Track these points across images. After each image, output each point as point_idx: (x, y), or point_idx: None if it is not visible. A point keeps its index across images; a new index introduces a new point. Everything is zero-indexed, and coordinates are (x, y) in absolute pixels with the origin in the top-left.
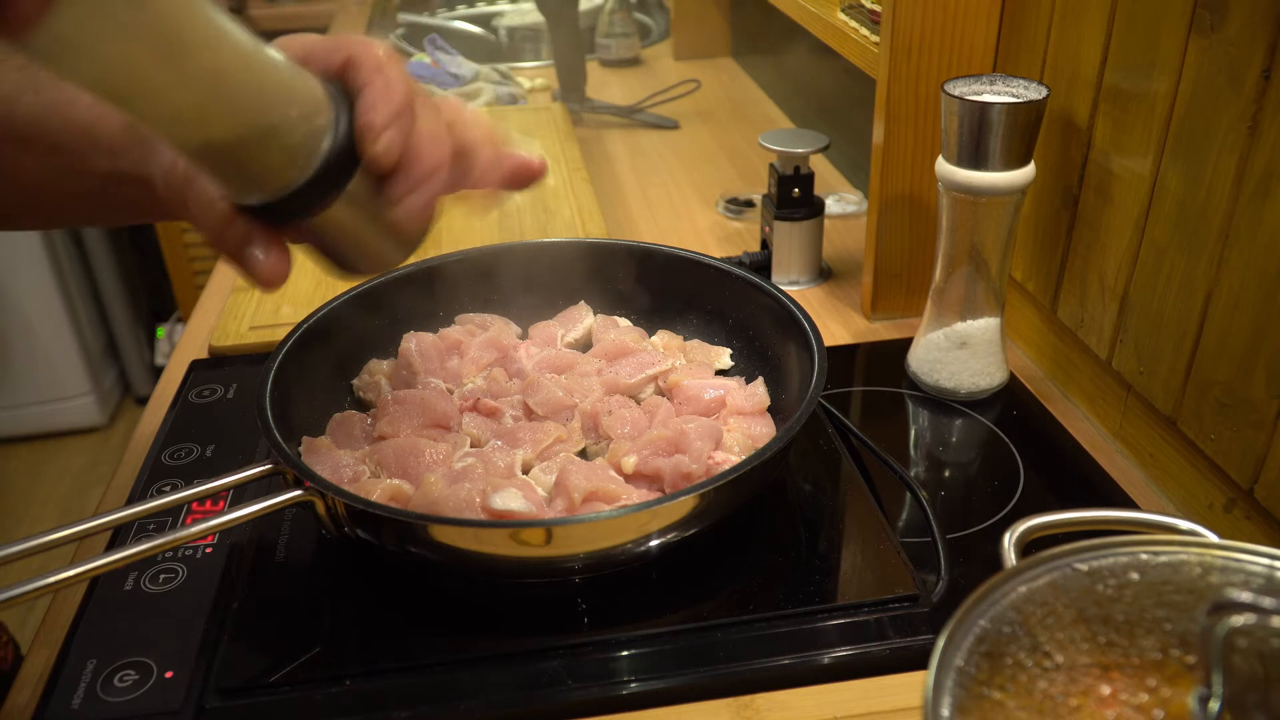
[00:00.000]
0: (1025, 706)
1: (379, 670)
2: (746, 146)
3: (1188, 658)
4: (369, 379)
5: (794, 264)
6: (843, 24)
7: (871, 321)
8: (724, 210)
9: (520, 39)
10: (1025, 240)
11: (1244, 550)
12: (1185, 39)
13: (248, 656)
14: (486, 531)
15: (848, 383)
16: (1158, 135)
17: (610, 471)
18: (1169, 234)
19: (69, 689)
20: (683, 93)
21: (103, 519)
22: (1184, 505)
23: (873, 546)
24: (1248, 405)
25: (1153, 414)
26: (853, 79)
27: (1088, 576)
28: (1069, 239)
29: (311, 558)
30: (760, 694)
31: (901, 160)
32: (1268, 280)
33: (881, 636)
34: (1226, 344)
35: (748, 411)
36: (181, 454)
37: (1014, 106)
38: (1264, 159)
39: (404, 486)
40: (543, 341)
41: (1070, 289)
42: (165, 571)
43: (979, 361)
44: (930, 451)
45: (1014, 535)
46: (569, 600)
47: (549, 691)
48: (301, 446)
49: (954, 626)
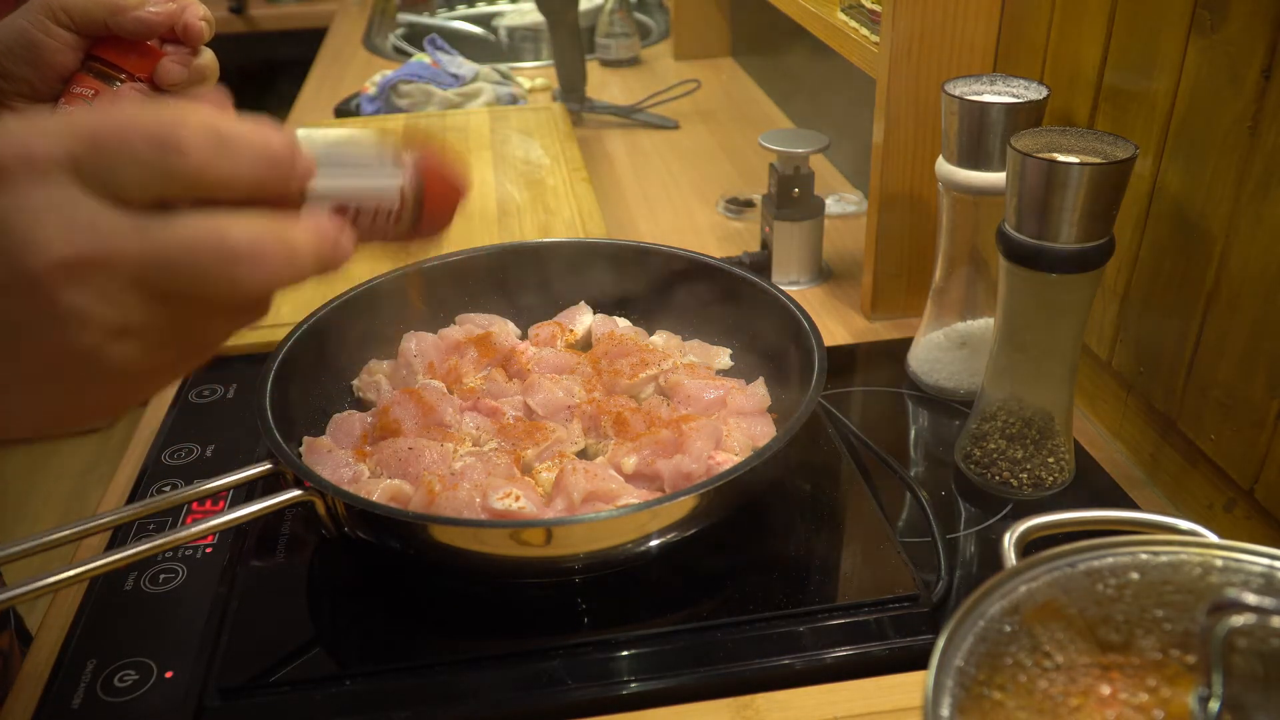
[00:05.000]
0: (1025, 706)
1: (379, 670)
2: (746, 146)
3: (1188, 658)
4: (369, 379)
5: (794, 264)
6: (843, 24)
7: (871, 321)
8: (724, 210)
9: (520, 39)
10: None
11: (1244, 550)
12: (1185, 39)
13: (248, 656)
14: (486, 531)
15: (848, 383)
16: (1158, 135)
17: (610, 471)
18: (1169, 234)
19: (69, 689)
20: (683, 93)
21: (103, 519)
22: (1184, 505)
23: (873, 546)
24: (1248, 405)
25: (1153, 414)
26: (853, 79)
27: (1088, 576)
28: None
29: (311, 558)
30: (760, 694)
31: (901, 160)
32: (1268, 280)
33: (881, 636)
34: (1226, 344)
35: (748, 411)
36: (181, 454)
37: (1014, 106)
38: (1264, 159)
39: (404, 486)
40: (543, 341)
41: None
42: (165, 571)
43: (979, 361)
44: (930, 451)
45: (1014, 535)
46: (569, 600)
47: (549, 691)
48: (302, 446)
49: (954, 626)
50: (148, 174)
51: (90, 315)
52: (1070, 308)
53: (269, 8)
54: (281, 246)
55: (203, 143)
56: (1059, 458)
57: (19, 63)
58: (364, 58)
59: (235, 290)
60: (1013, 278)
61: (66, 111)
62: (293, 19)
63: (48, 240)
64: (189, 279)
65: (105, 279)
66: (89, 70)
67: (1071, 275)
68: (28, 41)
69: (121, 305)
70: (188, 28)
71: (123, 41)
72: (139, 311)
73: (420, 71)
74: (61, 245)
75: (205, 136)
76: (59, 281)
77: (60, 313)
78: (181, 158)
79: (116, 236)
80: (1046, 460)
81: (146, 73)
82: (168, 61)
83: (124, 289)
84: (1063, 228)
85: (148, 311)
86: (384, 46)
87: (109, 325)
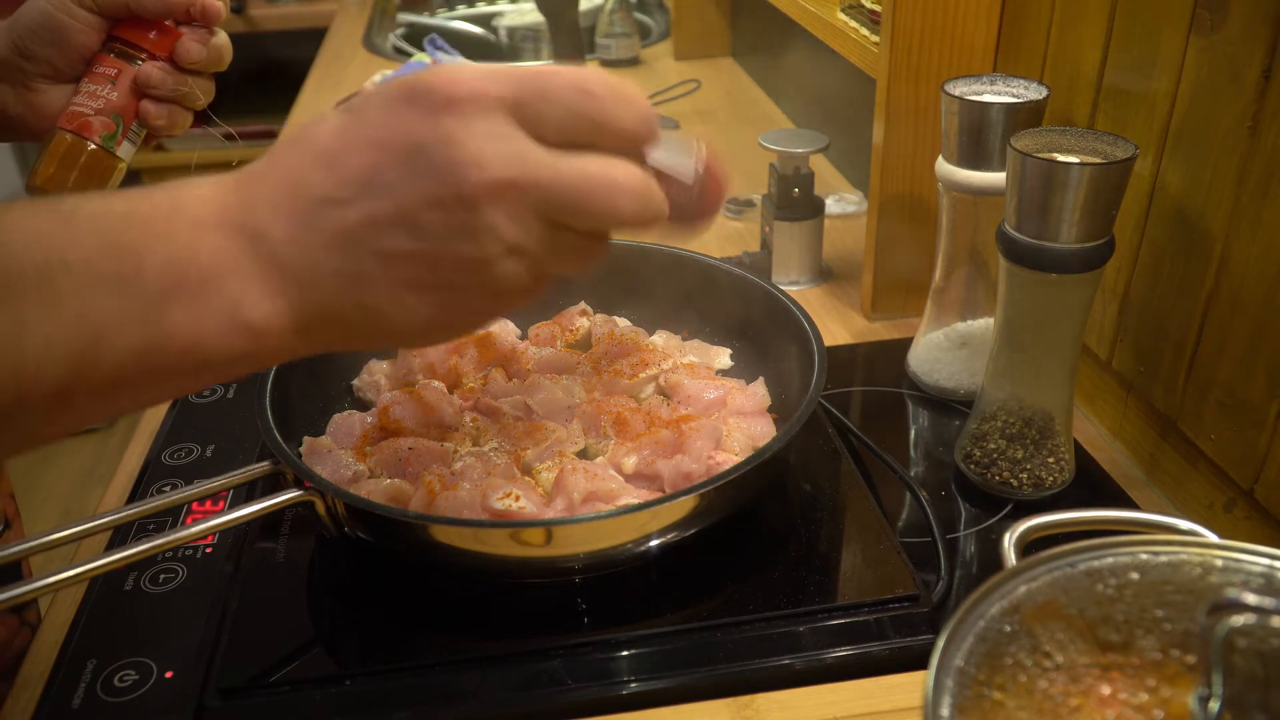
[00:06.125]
0: (1025, 706)
1: (379, 670)
2: (746, 146)
3: (1188, 658)
4: (369, 379)
5: (794, 264)
6: (843, 24)
7: (871, 321)
8: (724, 210)
9: (520, 39)
10: None
11: (1244, 550)
12: (1185, 39)
13: (248, 656)
14: (486, 531)
15: (848, 383)
16: (1158, 135)
17: (610, 471)
18: (1169, 234)
19: (69, 689)
20: (683, 93)
21: (103, 519)
22: (1184, 505)
23: (873, 546)
24: (1248, 405)
25: (1153, 414)
26: (853, 79)
27: (1088, 576)
28: None
29: (311, 558)
30: (760, 694)
31: (901, 160)
32: (1267, 280)
33: (881, 636)
34: (1226, 344)
35: (748, 411)
36: (181, 454)
37: (1014, 106)
38: (1264, 159)
39: (404, 486)
40: (543, 341)
41: None
42: (165, 571)
43: (979, 361)
44: (930, 451)
45: (1014, 535)
46: (569, 600)
47: (549, 691)
48: (302, 446)
49: (954, 626)
50: (568, 115)
51: (500, 231)
52: (1070, 308)
53: (269, 8)
54: (646, 188)
55: (608, 92)
56: (1059, 458)
57: (42, 44)
58: (364, 58)
59: (611, 218)
60: (1013, 278)
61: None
62: (293, 19)
63: (488, 162)
64: (579, 208)
65: (519, 201)
66: (110, 50)
67: (1071, 275)
68: (51, 23)
69: (523, 226)
70: (205, 7)
71: (143, 21)
72: (533, 233)
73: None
74: (499, 168)
75: (609, 87)
76: (487, 198)
77: (479, 225)
78: (595, 102)
79: (538, 167)
80: (1046, 460)
81: (166, 52)
82: (187, 40)
83: (529, 212)
84: (1063, 228)
85: (539, 234)
86: (384, 46)
87: (509, 242)
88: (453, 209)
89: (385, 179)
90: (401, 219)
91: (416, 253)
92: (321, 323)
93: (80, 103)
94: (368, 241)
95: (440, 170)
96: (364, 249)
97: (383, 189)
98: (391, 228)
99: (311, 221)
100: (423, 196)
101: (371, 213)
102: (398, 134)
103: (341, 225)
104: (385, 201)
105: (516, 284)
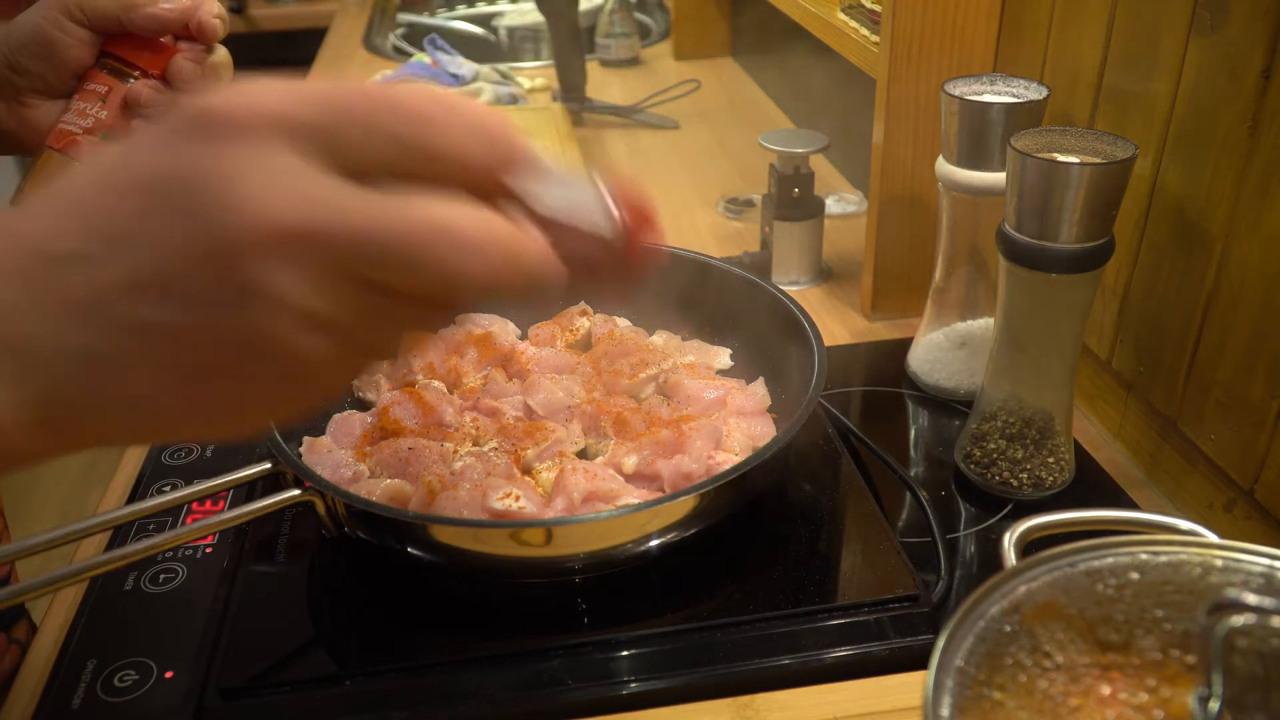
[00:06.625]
0: (1025, 706)
1: (379, 670)
2: (746, 146)
3: (1188, 658)
4: (369, 379)
5: (794, 264)
6: (843, 24)
7: (871, 321)
8: (724, 210)
9: (520, 39)
10: None
11: (1244, 550)
12: (1185, 39)
13: (248, 656)
14: (486, 531)
15: (848, 383)
16: (1158, 135)
17: (610, 471)
18: (1169, 234)
19: (69, 689)
20: (683, 93)
21: (103, 519)
22: (1184, 505)
23: (873, 546)
24: (1248, 405)
25: (1153, 414)
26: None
27: (1088, 576)
28: None
29: (311, 558)
30: (760, 694)
31: (901, 160)
32: (1268, 280)
33: (881, 636)
34: (1226, 344)
35: (748, 411)
36: (181, 454)
37: (1014, 106)
38: (1264, 159)
39: (404, 486)
40: (543, 341)
41: None
42: (165, 571)
43: (979, 361)
44: (930, 451)
45: (1014, 535)
46: (569, 600)
47: (549, 691)
48: (302, 446)
49: (954, 626)
50: (387, 144)
51: (286, 299)
52: (1070, 308)
53: (269, 8)
54: (510, 244)
55: (441, 112)
56: (1059, 458)
57: (33, 59)
58: (364, 58)
59: (453, 282)
60: (1013, 278)
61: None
62: (293, 19)
63: (265, 204)
64: (402, 263)
65: (312, 256)
66: (103, 67)
67: (1071, 275)
68: (43, 38)
69: (320, 289)
70: (202, 25)
71: (136, 38)
72: (338, 298)
73: (420, 71)
74: (277, 212)
75: (444, 107)
76: (263, 252)
77: (253, 287)
78: (422, 126)
79: (337, 210)
80: (1046, 460)
81: (160, 69)
82: (181, 59)
83: (328, 270)
84: (1063, 228)
85: (346, 299)
86: (384, 46)
87: (304, 312)
88: (221, 268)
89: (144, 229)
90: (160, 282)
91: (181, 327)
92: (69, 416)
93: (69, 120)
94: (119, 312)
95: (204, 217)
96: (114, 322)
97: (139, 243)
98: (148, 294)
99: (48, 284)
100: (186, 253)
101: (124, 274)
102: (164, 171)
103: (87, 290)
104: (141, 259)
105: (320, 363)
